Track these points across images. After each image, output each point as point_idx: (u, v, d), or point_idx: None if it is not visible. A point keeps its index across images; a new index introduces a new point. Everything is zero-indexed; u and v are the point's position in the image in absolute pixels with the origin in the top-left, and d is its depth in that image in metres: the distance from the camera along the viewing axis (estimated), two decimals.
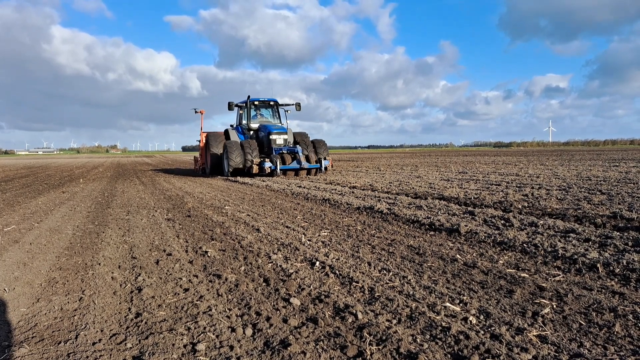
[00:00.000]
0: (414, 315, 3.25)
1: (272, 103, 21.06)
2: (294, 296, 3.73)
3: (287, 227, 6.87)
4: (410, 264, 4.64)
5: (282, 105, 21.37)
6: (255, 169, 17.13)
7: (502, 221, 6.49)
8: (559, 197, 9.04)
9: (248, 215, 8.12)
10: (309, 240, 5.87)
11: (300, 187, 13.09)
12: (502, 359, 2.55)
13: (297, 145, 18.45)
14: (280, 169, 17.07)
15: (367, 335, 2.92)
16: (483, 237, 5.64)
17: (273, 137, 18.49)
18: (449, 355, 2.66)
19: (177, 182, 16.85)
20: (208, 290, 3.97)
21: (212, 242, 5.90)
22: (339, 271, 4.40)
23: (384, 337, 2.88)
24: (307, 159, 17.92)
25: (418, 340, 2.85)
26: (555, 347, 2.70)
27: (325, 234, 6.30)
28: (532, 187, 11.12)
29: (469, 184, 12.65)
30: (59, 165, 41.64)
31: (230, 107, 20.40)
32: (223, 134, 21.04)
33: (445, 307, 3.39)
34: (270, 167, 16.95)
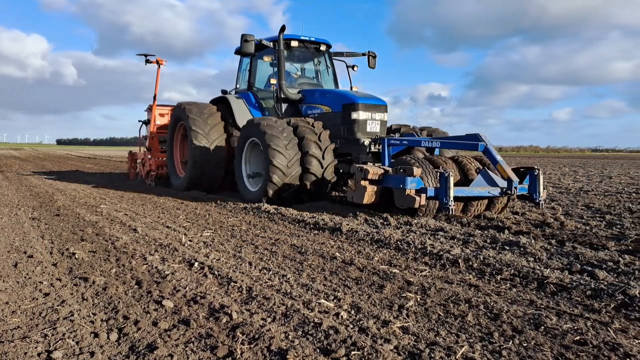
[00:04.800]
0: (288, 313, 3.30)
1: (322, 48, 10.80)
2: (168, 298, 3.59)
3: (167, 227, 6.60)
4: (292, 263, 4.70)
5: (339, 55, 11.51)
6: (370, 193, 6.90)
7: (381, 220, 6.82)
8: None
9: (126, 214, 7.67)
10: (189, 240, 5.70)
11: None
12: (366, 351, 2.68)
13: (480, 135, 7.27)
14: (453, 198, 6.37)
15: (240, 335, 2.90)
16: (362, 235, 5.89)
17: (361, 115, 8.84)
18: (318, 350, 2.73)
19: (48, 178, 15.42)
20: (72, 294, 3.68)
21: (82, 243, 5.48)
22: (218, 271, 4.32)
23: (256, 336, 2.88)
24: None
25: (290, 337, 2.89)
26: (415, 337, 2.90)
27: (208, 234, 6.15)
28: None
29: None
30: None
31: (243, 49, 9.55)
32: (213, 107, 10.62)
33: (319, 303, 3.48)
34: (426, 195, 6.47)
